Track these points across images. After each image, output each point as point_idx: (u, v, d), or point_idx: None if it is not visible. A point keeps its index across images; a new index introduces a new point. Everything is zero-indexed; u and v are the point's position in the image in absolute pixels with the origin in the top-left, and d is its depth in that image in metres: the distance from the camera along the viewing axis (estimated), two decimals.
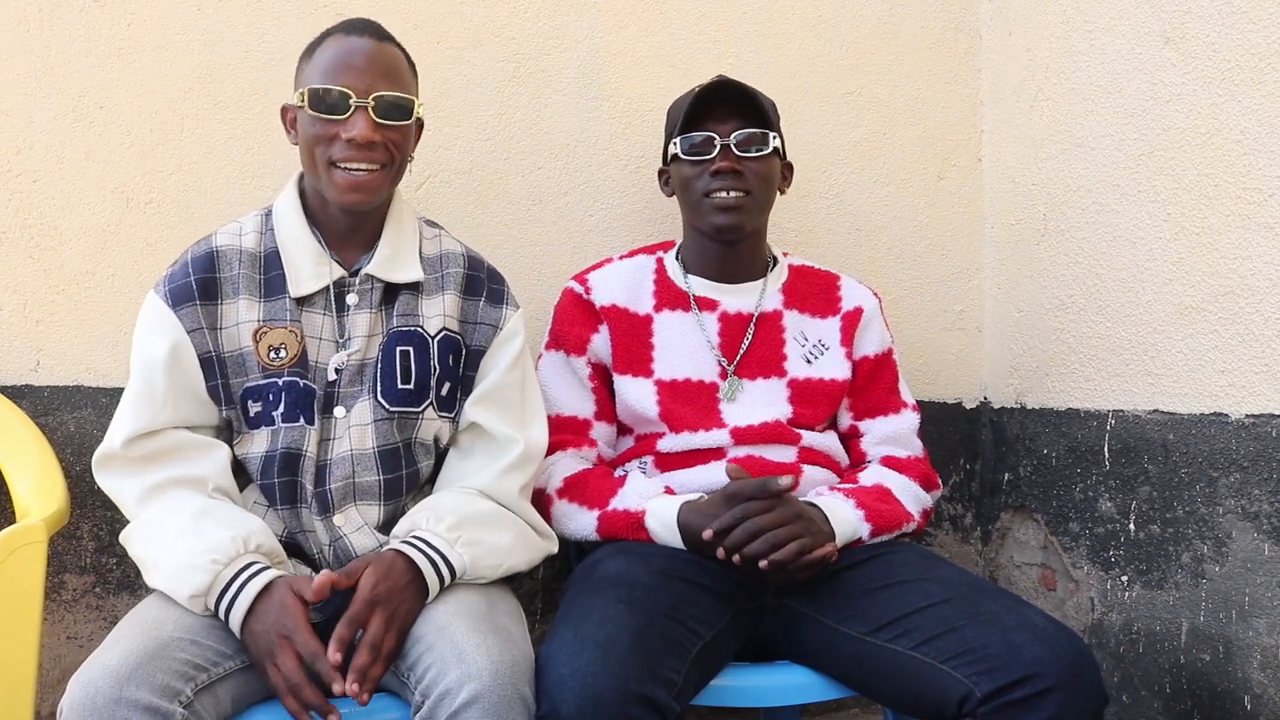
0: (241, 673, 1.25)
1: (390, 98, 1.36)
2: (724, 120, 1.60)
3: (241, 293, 1.39)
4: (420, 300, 1.44)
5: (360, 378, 1.40)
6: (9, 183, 1.70)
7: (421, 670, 1.19)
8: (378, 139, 1.35)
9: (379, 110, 1.35)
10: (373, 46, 1.38)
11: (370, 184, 1.36)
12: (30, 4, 1.70)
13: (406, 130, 1.40)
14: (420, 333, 1.42)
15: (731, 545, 1.38)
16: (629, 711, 1.16)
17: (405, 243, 1.46)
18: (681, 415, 1.60)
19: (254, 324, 1.38)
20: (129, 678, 1.11)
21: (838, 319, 1.69)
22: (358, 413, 1.39)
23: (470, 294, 1.48)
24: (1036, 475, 2.02)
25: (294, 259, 1.40)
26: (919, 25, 2.14)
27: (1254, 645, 1.55)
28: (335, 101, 1.34)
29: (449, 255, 1.49)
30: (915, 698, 1.33)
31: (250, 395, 1.38)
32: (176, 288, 1.38)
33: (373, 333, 1.41)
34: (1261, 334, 1.54)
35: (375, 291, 1.42)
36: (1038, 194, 2.01)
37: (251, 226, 1.44)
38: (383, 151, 1.36)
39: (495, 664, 1.15)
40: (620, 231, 1.97)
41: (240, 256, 1.40)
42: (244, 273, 1.40)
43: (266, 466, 1.38)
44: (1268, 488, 1.53)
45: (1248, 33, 1.55)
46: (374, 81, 1.35)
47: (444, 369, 1.43)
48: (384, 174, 1.38)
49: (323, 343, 1.40)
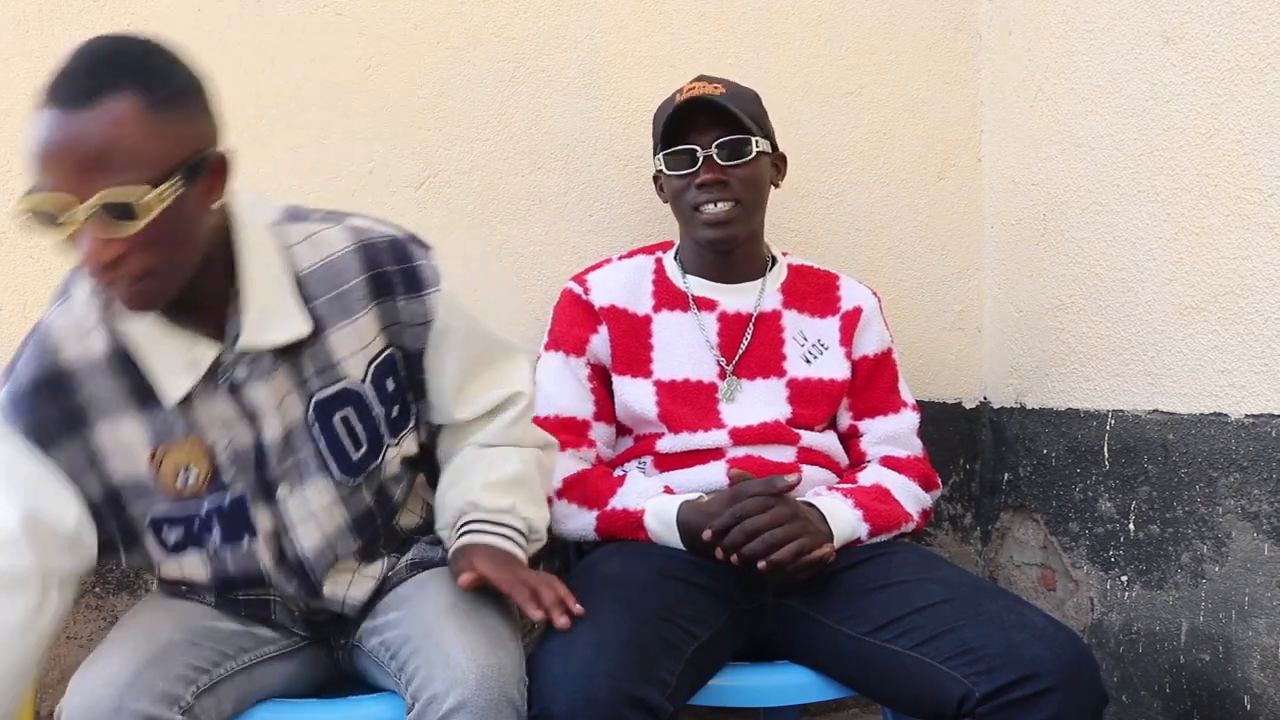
0: (243, 672, 1.24)
1: (110, 199, 0.97)
2: (705, 130, 1.58)
3: (114, 412, 1.15)
4: (328, 342, 1.20)
5: (292, 451, 1.21)
6: (9, 183, 1.70)
7: (410, 672, 1.18)
8: (110, 256, 0.99)
9: (100, 220, 0.98)
10: (73, 125, 0.97)
11: (138, 295, 1.04)
12: (30, 4, 1.70)
13: (159, 220, 1.00)
14: (348, 388, 1.22)
15: (730, 546, 1.38)
16: (621, 712, 1.16)
17: (271, 283, 1.15)
18: (680, 415, 1.60)
19: (145, 447, 1.16)
20: (129, 686, 1.10)
21: (837, 318, 1.69)
22: (315, 494, 1.23)
23: (381, 296, 1.23)
24: (1036, 475, 2.02)
25: (148, 357, 1.13)
26: (919, 25, 2.14)
27: (1254, 645, 1.55)
28: (45, 219, 1.00)
29: (336, 264, 1.20)
30: (915, 697, 1.33)
31: (163, 521, 1.20)
32: (34, 425, 1.12)
33: (282, 395, 1.19)
34: (1261, 334, 1.54)
35: (264, 356, 1.17)
36: (1038, 194, 2.00)
37: (90, 317, 1.14)
38: (135, 261, 1.01)
39: (481, 668, 1.13)
40: (620, 232, 1.97)
41: (95, 371, 1.13)
42: (107, 392, 1.14)
43: (218, 588, 1.26)
44: (1268, 488, 1.53)
45: (1248, 33, 1.55)
46: (80, 184, 0.97)
47: (386, 399, 1.26)
48: (154, 281, 1.04)
49: (229, 425, 1.18)
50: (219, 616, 1.28)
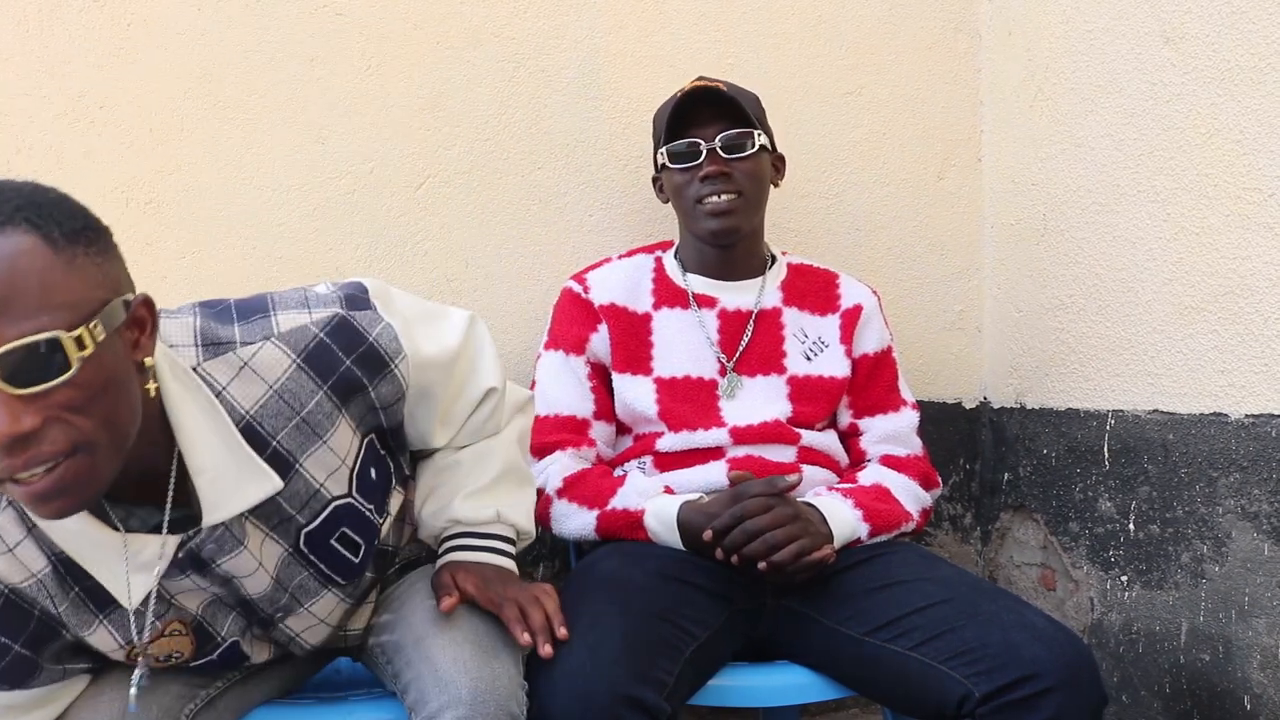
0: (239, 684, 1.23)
1: (19, 350, 0.79)
2: (708, 124, 1.60)
3: (74, 623, 1.01)
4: (303, 473, 1.06)
5: (284, 587, 1.11)
6: None
7: (404, 684, 1.15)
8: (31, 424, 0.80)
9: (10, 377, 0.79)
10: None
11: (65, 486, 0.83)
12: (30, 4, 1.70)
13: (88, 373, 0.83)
14: (339, 505, 1.10)
15: (730, 546, 1.38)
16: (618, 712, 1.16)
17: (216, 445, 0.97)
18: (680, 414, 1.60)
19: (120, 650, 1.05)
20: (124, 715, 1.09)
21: (837, 316, 1.69)
22: (319, 607, 1.18)
23: (352, 395, 1.07)
24: (1036, 475, 2.02)
25: (95, 563, 0.97)
26: (919, 25, 2.14)
27: (1254, 645, 1.55)
28: None
29: (286, 389, 1.02)
30: (914, 698, 1.33)
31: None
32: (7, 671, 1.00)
33: (260, 543, 1.06)
34: (1261, 334, 1.54)
35: (233, 524, 1.02)
36: (1038, 194, 2.00)
37: (12, 534, 0.97)
38: (65, 432, 0.82)
39: (474, 682, 1.08)
40: (620, 231, 1.97)
41: (43, 588, 0.98)
42: (61, 608, 1.00)
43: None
44: (1267, 488, 1.53)
45: (1248, 33, 1.55)
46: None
47: (372, 492, 1.16)
48: (85, 460, 0.84)
49: (209, 590, 1.06)
50: None
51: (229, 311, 1.04)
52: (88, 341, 0.82)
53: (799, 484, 1.43)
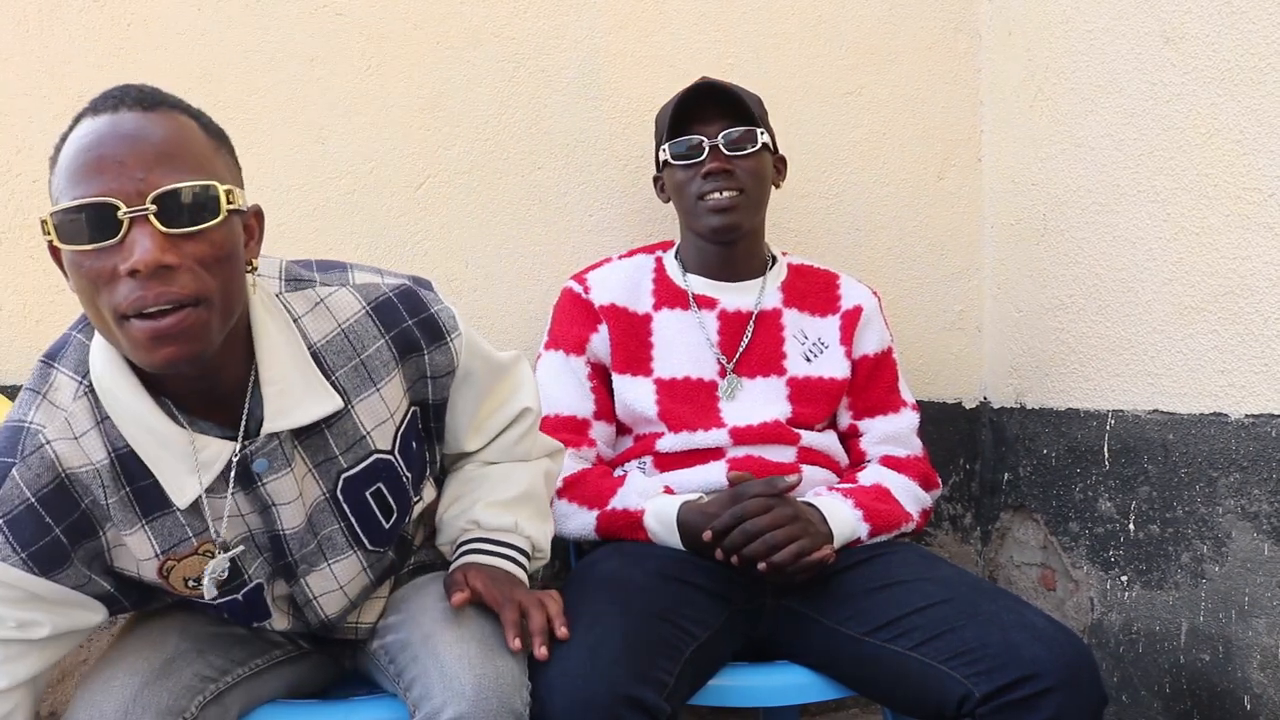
0: (248, 680, 1.24)
1: (179, 190, 0.91)
2: (711, 121, 1.60)
3: (119, 523, 1.06)
4: (355, 414, 1.13)
5: (314, 533, 1.16)
6: (9, 183, 1.70)
7: (408, 681, 1.17)
8: (172, 259, 0.90)
9: (166, 215, 0.91)
10: (137, 121, 0.93)
11: (184, 328, 0.93)
12: (30, 4, 1.70)
13: (221, 233, 0.95)
14: (380, 460, 1.16)
15: (730, 547, 1.38)
16: (618, 713, 1.16)
17: (289, 361, 1.07)
18: (680, 414, 1.60)
19: (153, 560, 1.09)
20: (134, 700, 1.09)
21: (837, 317, 1.69)
22: (343, 569, 1.20)
23: (407, 354, 1.16)
24: (1036, 475, 2.02)
25: (157, 459, 1.04)
26: (919, 25, 2.14)
27: (1254, 645, 1.55)
28: (96, 219, 0.90)
29: (352, 330, 1.12)
30: (914, 698, 1.33)
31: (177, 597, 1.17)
32: (40, 552, 1.02)
33: (302, 477, 1.12)
34: (1261, 334, 1.54)
35: (285, 443, 1.09)
36: (1038, 194, 2.00)
37: (83, 421, 1.03)
38: (193, 278, 0.93)
39: (478, 678, 1.10)
40: (620, 231, 1.97)
41: (98, 479, 1.04)
42: (110, 500, 1.05)
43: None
44: (1267, 488, 1.53)
45: (1248, 33, 1.55)
46: (149, 173, 0.91)
47: (411, 462, 1.21)
48: (205, 313, 0.94)
49: (247, 518, 1.11)
50: (226, 623, 1.27)
51: (311, 264, 1.16)
52: (235, 199, 0.96)
53: (799, 484, 1.43)
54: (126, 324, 0.92)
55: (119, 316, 0.92)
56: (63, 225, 0.91)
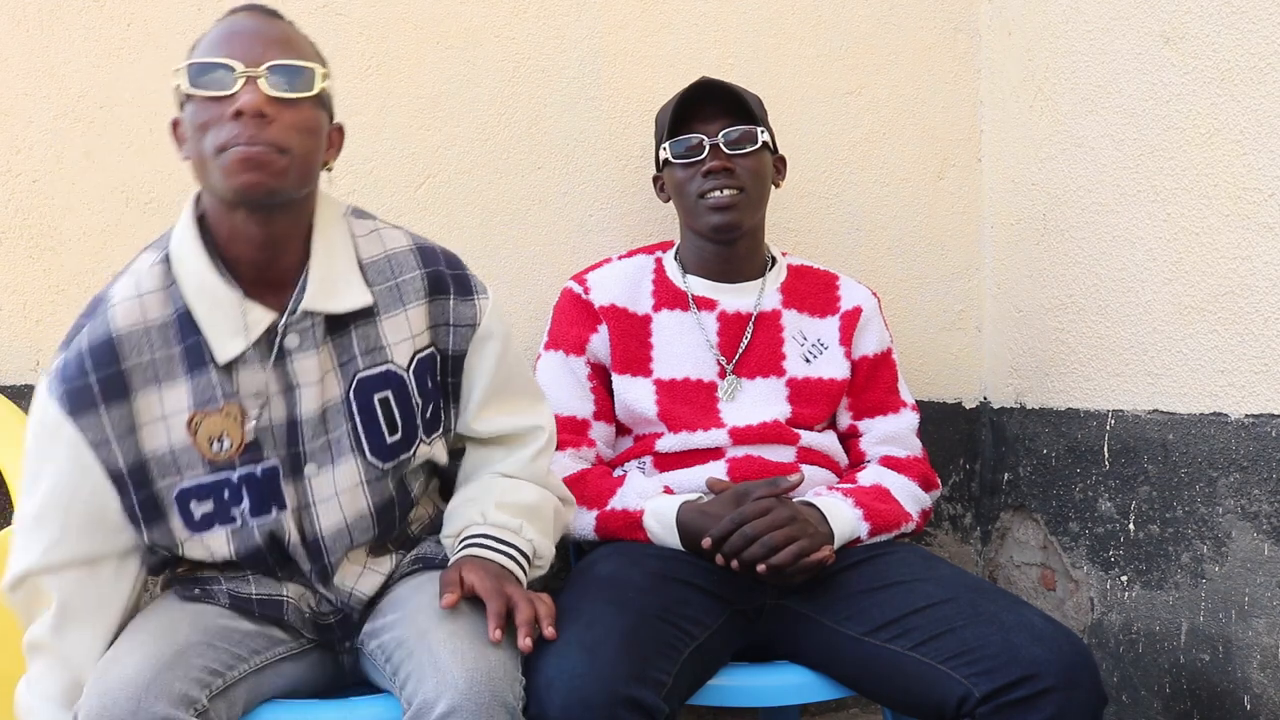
0: (254, 674, 1.24)
1: (286, 67, 1.15)
2: (711, 120, 1.60)
3: (161, 379, 1.19)
4: (380, 325, 1.27)
5: (324, 428, 1.24)
6: (9, 183, 1.70)
7: (403, 677, 1.18)
8: (271, 113, 1.13)
9: (272, 81, 1.14)
10: (263, 21, 1.20)
11: (266, 161, 1.13)
12: (30, 4, 1.70)
13: (310, 112, 1.18)
14: (393, 371, 1.27)
15: (729, 551, 1.38)
16: (616, 713, 1.16)
17: (339, 258, 1.25)
18: (680, 415, 1.60)
19: (183, 413, 1.19)
20: (147, 688, 1.10)
21: (836, 318, 1.69)
22: (343, 474, 1.26)
23: (435, 294, 1.31)
24: (1036, 475, 2.02)
25: (209, 317, 1.19)
26: (919, 25, 2.14)
27: (1254, 645, 1.55)
28: (220, 76, 1.14)
29: (396, 257, 1.29)
30: (914, 698, 1.33)
31: (191, 496, 1.22)
32: (74, 390, 1.16)
33: (324, 371, 1.24)
34: (1261, 334, 1.54)
35: (318, 327, 1.23)
36: (1038, 194, 2.00)
37: (151, 283, 1.20)
38: (282, 131, 1.14)
39: (470, 672, 1.12)
40: (620, 231, 1.97)
41: (148, 337, 1.19)
42: (157, 356, 1.19)
43: (239, 562, 1.26)
44: (1267, 488, 1.53)
45: (1248, 33, 1.55)
46: (265, 51, 1.15)
47: (424, 393, 1.30)
48: (284, 159, 1.15)
49: (270, 399, 1.22)
50: (234, 617, 1.27)
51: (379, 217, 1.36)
52: (319, 84, 1.19)
53: (800, 484, 1.43)
54: (223, 154, 1.13)
55: (218, 150, 1.13)
56: (193, 73, 1.15)
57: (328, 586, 1.30)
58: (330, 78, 1.24)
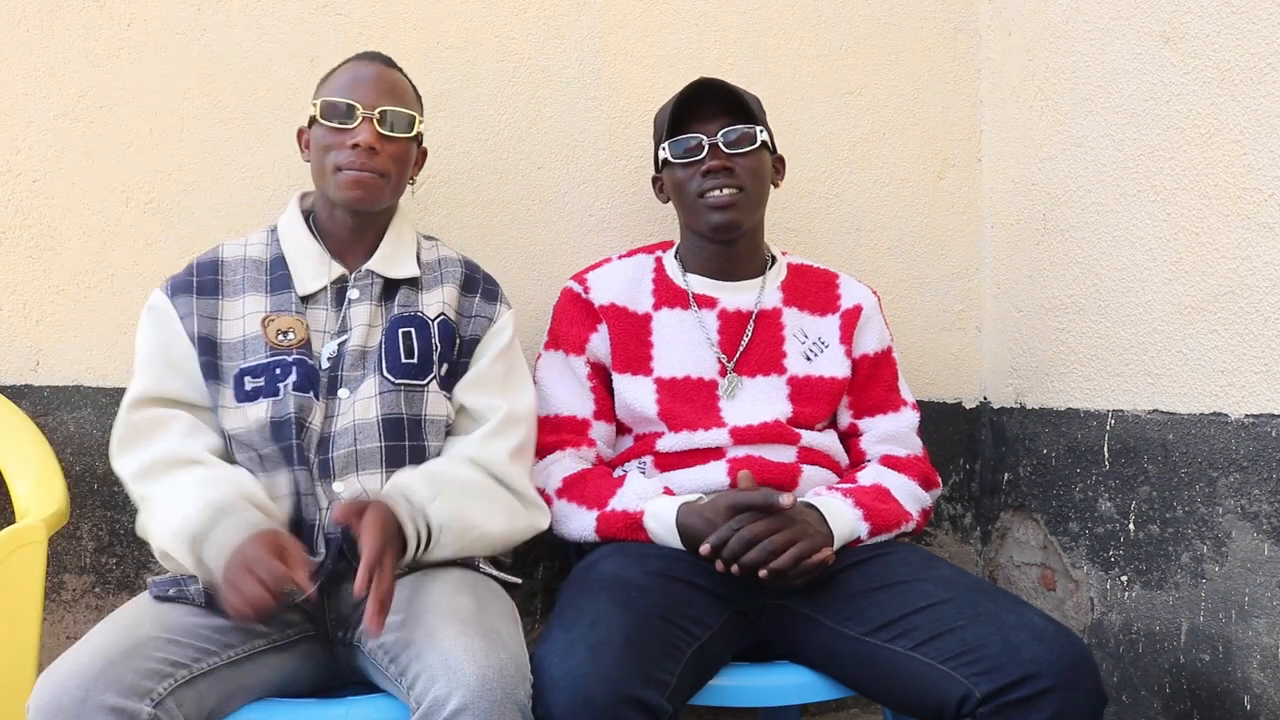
0: (228, 668, 1.24)
1: (394, 113, 1.48)
2: (710, 120, 1.61)
3: (247, 291, 1.49)
4: (419, 293, 1.54)
5: (362, 362, 1.47)
6: (9, 183, 1.70)
7: (412, 677, 1.19)
8: (379, 148, 1.46)
9: (383, 122, 1.47)
10: (381, 70, 1.52)
11: (370, 183, 1.47)
12: (30, 4, 1.70)
13: (407, 146, 1.51)
14: (420, 316, 1.51)
15: (729, 555, 1.37)
16: (620, 713, 1.16)
17: (404, 247, 1.56)
18: (680, 414, 1.60)
19: (261, 313, 1.47)
20: (96, 679, 1.11)
21: (837, 317, 1.69)
22: (365, 388, 1.44)
23: (467, 290, 1.57)
24: (1036, 475, 2.02)
25: (297, 262, 1.51)
26: (919, 25, 2.14)
27: (1254, 645, 1.55)
28: (345, 112, 1.47)
29: (446, 260, 1.59)
30: (914, 698, 1.33)
31: (248, 374, 1.43)
32: (177, 283, 1.49)
33: (372, 323, 1.49)
34: (1261, 334, 1.54)
35: (375, 286, 1.51)
36: (1037, 194, 2.01)
37: (258, 239, 1.55)
38: (385, 161, 1.47)
39: (482, 670, 1.14)
40: (620, 231, 1.97)
41: (245, 263, 1.52)
42: (249, 276, 1.50)
43: (266, 433, 1.39)
44: (1267, 488, 1.53)
45: (1248, 33, 1.55)
46: (379, 98, 1.48)
47: (444, 349, 1.51)
48: (383, 182, 1.48)
49: (326, 335, 1.48)
50: (205, 615, 1.28)
51: None
52: (417, 127, 1.53)
53: (792, 505, 1.40)
54: (340, 173, 1.46)
55: (336, 169, 1.46)
56: (326, 108, 1.48)
57: (324, 483, 1.37)
58: (424, 119, 1.58)
